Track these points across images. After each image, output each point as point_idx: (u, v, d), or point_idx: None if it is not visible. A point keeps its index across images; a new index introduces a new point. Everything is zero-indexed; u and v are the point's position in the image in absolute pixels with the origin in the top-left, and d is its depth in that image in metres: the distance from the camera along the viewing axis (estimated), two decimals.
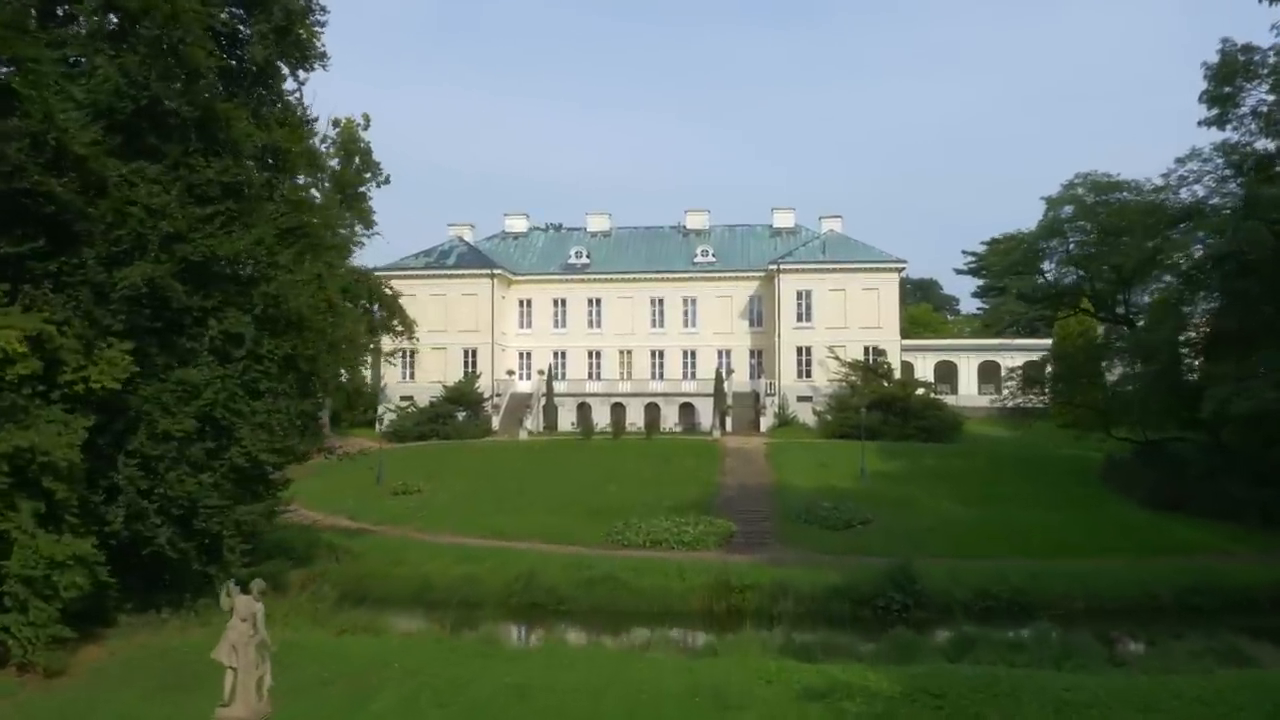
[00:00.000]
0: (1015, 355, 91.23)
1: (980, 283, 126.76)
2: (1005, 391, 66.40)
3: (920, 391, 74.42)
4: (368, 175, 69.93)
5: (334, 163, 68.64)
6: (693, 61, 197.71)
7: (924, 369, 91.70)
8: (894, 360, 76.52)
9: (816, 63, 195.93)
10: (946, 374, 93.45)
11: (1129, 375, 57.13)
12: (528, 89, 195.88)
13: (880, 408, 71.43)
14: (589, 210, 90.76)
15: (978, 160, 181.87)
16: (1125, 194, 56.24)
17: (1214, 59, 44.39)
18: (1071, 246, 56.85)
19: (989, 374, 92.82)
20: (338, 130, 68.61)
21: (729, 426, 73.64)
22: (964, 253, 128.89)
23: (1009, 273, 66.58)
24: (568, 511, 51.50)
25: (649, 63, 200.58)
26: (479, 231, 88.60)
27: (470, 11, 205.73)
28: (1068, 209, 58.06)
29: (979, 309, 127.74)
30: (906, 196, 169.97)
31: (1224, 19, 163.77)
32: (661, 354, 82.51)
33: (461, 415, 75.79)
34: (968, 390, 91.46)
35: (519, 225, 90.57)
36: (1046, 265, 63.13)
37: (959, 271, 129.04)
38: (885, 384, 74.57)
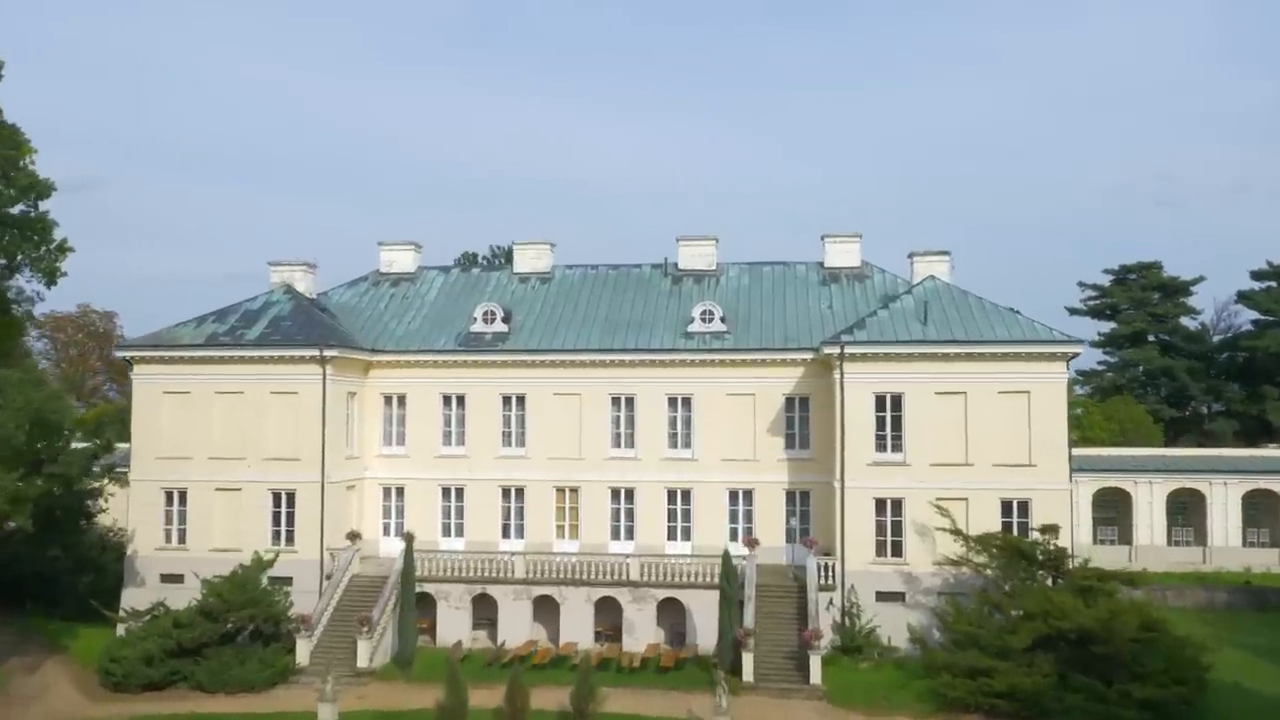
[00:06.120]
0: (1230, 480, 54.83)
1: (1108, 326, 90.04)
2: None
3: (1122, 592, 38.02)
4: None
5: None
6: (706, 63, 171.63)
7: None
8: (1066, 536, 40.05)
9: (834, 65, 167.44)
10: (1108, 504, 57.16)
11: None
12: (516, 88, 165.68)
13: (1052, 645, 35.56)
14: (520, 239, 54.54)
15: (1014, 167, 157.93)
16: None
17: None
18: None
19: (1183, 506, 56.38)
20: None
21: (749, 667, 37.79)
22: (1081, 285, 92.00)
23: None
24: None
25: (658, 64, 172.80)
26: (335, 273, 53.45)
27: (476, 13, 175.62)
28: None
29: (1101, 363, 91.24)
30: (939, 202, 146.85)
31: (1249, 20, 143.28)
32: (630, 495, 46.73)
33: (248, 631, 40.18)
34: (1149, 539, 55.09)
35: (403, 262, 54.79)
36: None
37: (1074, 312, 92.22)
38: (1054, 582, 38.48)
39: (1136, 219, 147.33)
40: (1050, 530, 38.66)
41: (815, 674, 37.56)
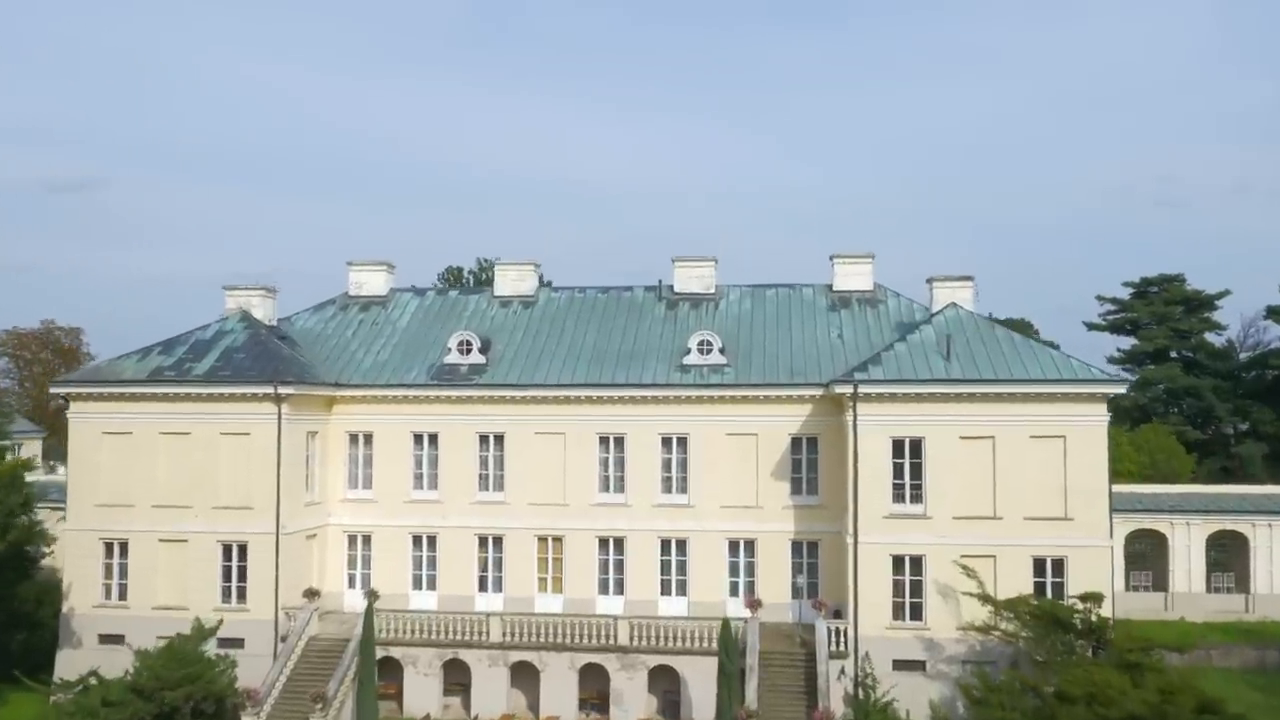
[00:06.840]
0: (1275, 522, 50.39)
1: (1129, 343, 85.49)
2: None
3: (1175, 658, 33.66)
4: None
5: None
6: (706, 63, 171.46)
7: None
8: (1108, 603, 35.63)
9: (834, 65, 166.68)
10: (1139, 540, 52.56)
11: None
12: (516, 88, 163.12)
13: None
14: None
15: (1014, 167, 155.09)
16: None
17: None
18: None
19: (1222, 548, 51.94)
20: None
21: None
22: (1100, 299, 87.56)
23: None
24: None
25: (658, 64, 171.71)
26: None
27: (476, 13, 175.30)
28: None
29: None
30: (939, 202, 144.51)
31: (1249, 20, 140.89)
32: (619, 545, 42.33)
33: (188, 708, 35.74)
34: (1187, 586, 50.60)
35: (374, 283, 50.41)
36: None
37: (1093, 327, 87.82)
38: (1094, 653, 34.09)
39: (1137, 220, 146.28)
40: (1092, 599, 34.22)
41: None
